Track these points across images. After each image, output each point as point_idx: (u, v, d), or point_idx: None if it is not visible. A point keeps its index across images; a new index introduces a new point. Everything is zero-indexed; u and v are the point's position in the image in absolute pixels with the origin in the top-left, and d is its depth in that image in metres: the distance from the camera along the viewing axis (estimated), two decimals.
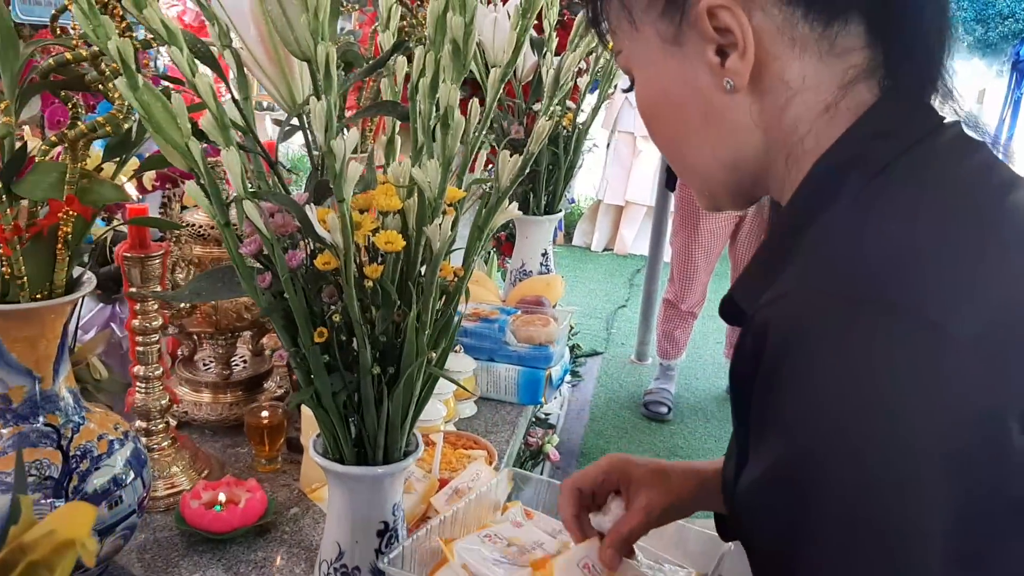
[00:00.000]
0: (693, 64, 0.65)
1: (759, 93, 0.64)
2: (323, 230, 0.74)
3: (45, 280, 0.98)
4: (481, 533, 0.91)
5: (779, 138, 0.65)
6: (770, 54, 0.63)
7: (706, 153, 0.69)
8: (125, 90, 0.73)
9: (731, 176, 0.70)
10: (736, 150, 0.67)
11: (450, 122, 0.73)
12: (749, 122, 0.65)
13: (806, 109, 0.64)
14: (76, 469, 1.00)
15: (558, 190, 1.97)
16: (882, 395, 0.50)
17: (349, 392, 0.86)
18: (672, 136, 0.71)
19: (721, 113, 0.66)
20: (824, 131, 0.63)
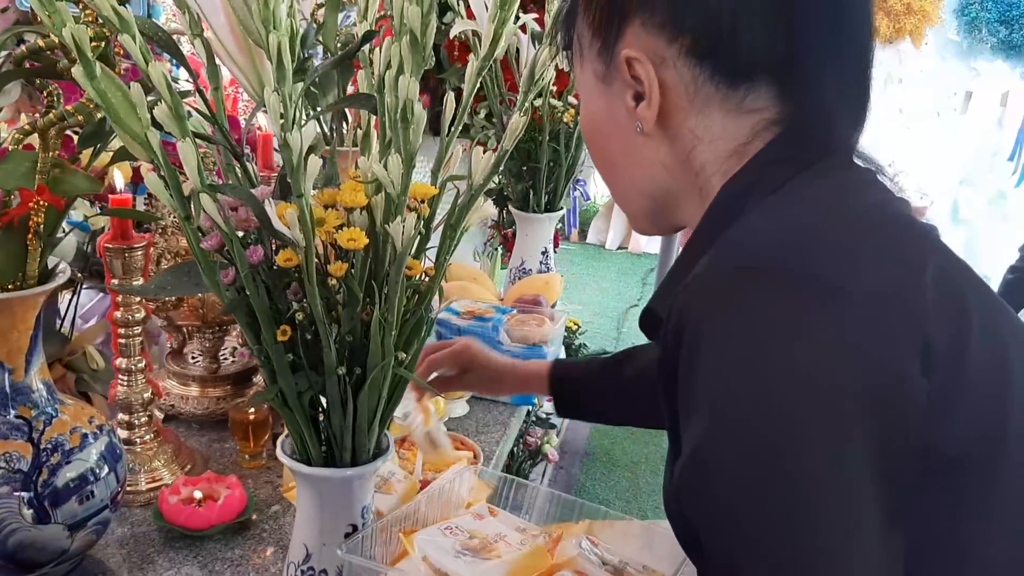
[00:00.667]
0: (616, 103, 0.72)
1: (667, 138, 0.71)
2: (282, 225, 0.72)
3: (17, 271, 0.97)
4: (441, 525, 0.89)
5: (688, 177, 0.71)
6: (676, 106, 0.69)
7: (626, 181, 0.76)
8: (82, 79, 0.71)
9: (649, 204, 0.76)
10: (651, 182, 0.74)
11: (409, 116, 0.70)
12: (658, 161, 0.72)
13: (714, 155, 0.69)
14: (46, 463, 0.98)
15: (559, 188, 1.94)
16: (792, 353, 0.53)
17: (315, 392, 0.84)
18: (602, 161, 0.78)
19: (637, 150, 0.73)
20: (731, 169, 0.68)
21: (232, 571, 1.12)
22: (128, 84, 0.74)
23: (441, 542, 0.84)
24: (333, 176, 0.81)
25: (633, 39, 0.69)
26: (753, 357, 0.53)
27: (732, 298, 0.56)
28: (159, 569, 1.11)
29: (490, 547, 0.84)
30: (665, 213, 0.76)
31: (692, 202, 0.73)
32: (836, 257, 0.56)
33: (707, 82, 0.67)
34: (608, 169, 0.78)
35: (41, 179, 0.93)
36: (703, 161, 0.70)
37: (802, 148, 0.66)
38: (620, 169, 0.76)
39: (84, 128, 0.97)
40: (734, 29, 0.65)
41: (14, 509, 0.96)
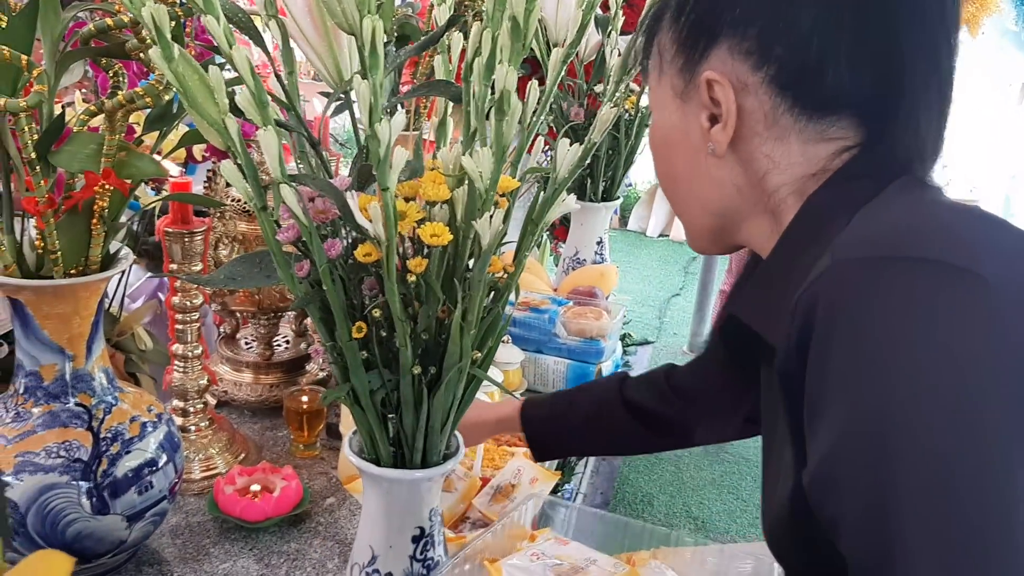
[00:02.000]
0: (690, 121, 0.72)
1: (740, 161, 0.70)
2: (364, 219, 0.68)
3: (80, 256, 0.94)
4: (526, 552, 0.85)
5: (759, 198, 0.71)
6: (753, 131, 0.68)
7: (691, 198, 0.76)
8: (159, 60, 0.67)
9: (713, 222, 0.76)
10: (718, 202, 0.74)
11: (506, 108, 0.66)
12: (730, 183, 0.72)
13: (790, 178, 0.68)
14: (106, 452, 0.97)
15: (617, 176, 1.89)
16: (936, 338, 0.51)
17: (388, 391, 0.80)
18: (668, 175, 0.78)
19: (706, 169, 0.72)
20: (807, 188, 0.68)
21: (288, 566, 1.10)
22: (204, 67, 0.71)
23: (531, 567, 0.81)
24: (418, 169, 0.77)
25: (717, 61, 0.68)
26: (900, 343, 0.52)
27: (869, 288, 0.54)
28: (214, 561, 1.09)
29: (581, 572, 0.81)
30: (728, 232, 0.76)
31: (760, 221, 0.72)
32: (966, 244, 0.55)
33: (787, 112, 0.67)
34: (672, 183, 0.78)
35: (107, 162, 0.90)
36: (777, 184, 0.69)
37: (885, 166, 0.66)
38: (686, 185, 0.76)
39: (151, 110, 0.94)
40: (821, 64, 0.64)
41: (73, 499, 0.94)
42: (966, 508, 0.48)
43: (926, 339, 0.51)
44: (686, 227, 0.80)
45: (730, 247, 0.78)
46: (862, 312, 0.53)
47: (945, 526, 0.48)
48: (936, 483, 0.49)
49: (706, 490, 2.86)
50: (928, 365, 0.51)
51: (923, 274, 0.53)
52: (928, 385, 0.50)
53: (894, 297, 0.53)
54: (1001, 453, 0.49)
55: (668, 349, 4.11)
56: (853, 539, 0.53)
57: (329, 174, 0.79)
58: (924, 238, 0.55)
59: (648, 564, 0.84)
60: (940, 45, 0.65)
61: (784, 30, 0.65)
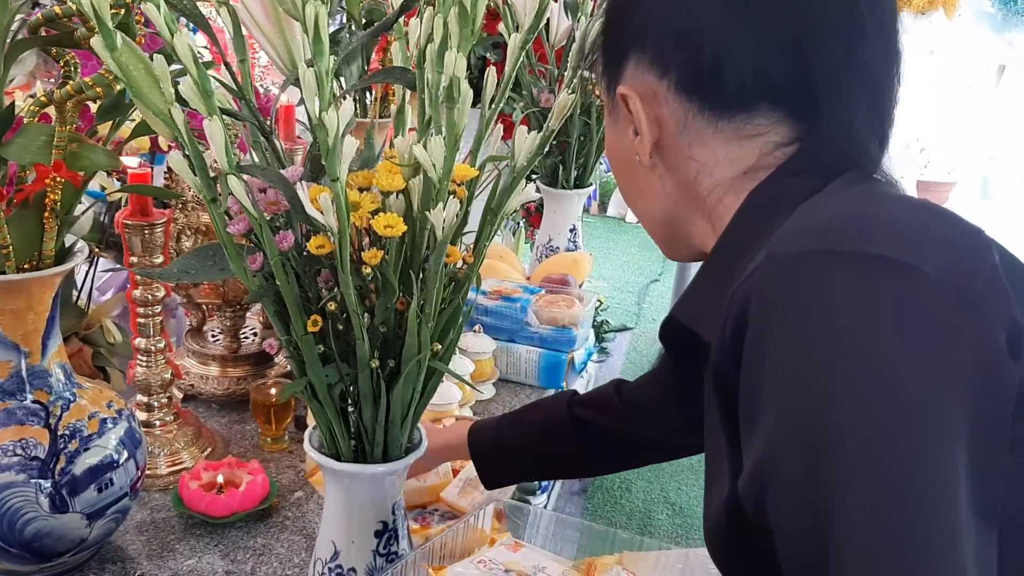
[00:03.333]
0: (621, 136, 0.74)
1: (668, 168, 0.71)
2: (315, 211, 0.67)
3: (33, 250, 0.92)
4: (473, 559, 0.83)
5: (695, 202, 0.71)
6: (672, 138, 0.69)
7: (641, 208, 0.78)
8: (101, 50, 0.66)
9: (663, 229, 0.77)
10: (660, 210, 0.75)
11: (456, 95, 0.65)
12: (663, 190, 0.73)
13: (720, 179, 0.68)
14: (64, 449, 0.95)
15: (589, 163, 1.88)
16: (876, 333, 0.49)
17: (346, 385, 0.79)
18: (621, 188, 0.80)
19: (643, 179, 0.74)
20: (743, 188, 0.67)
21: (255, 561, 1.08)
22: (150, 55, 0.69)
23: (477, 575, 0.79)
24: (370, 159, 0.75)
25: (629, 76, 0.70)
26: (838, 338, 0.50)
27: (805, 282, 0.52)
28: (179, 558, 1.08)
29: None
30: (679, 238, 0.77)
31: (702, 225, 0.73)
32: (907, 238, 0.53)
33: (698, 115, 0.67)
34: (625, 196, 0.80)
35: (58, 154, 0.88)
36: (709, 186, 0.70)
37: (825, 161, 0.65)
38: (632, 196, 0.78)
39: (102, 100, 0.92)
40: (717, 63, 0.64)
41: (31, 498, 0.92)
42: (904, 511, 0.46)
43: (863, 335, 0.49)
44: (650, 235, 0.81)
45: (693, 253, 0.77)
46: (797, 307, 0.52)
47: (881, 530, 0.46)
48: (873, 485, 0.47)
49: (684, 475, 2.86)
50: (865, 363, 0.49)
51: (862, 268, 0.51)
52: (865, 383, 0.49)
53: (831, 292, 0.51)
54: (941, 453, 0.47)
55: (647, 335, 4.11)
56: (787, 542, 0.52)
57: (282, 164, 0.77)
58: (863, 231, 0.54)
59: (611, 569, 0.83)
60: (854, 35, 0.63)
61: (677, 35, 0.66)
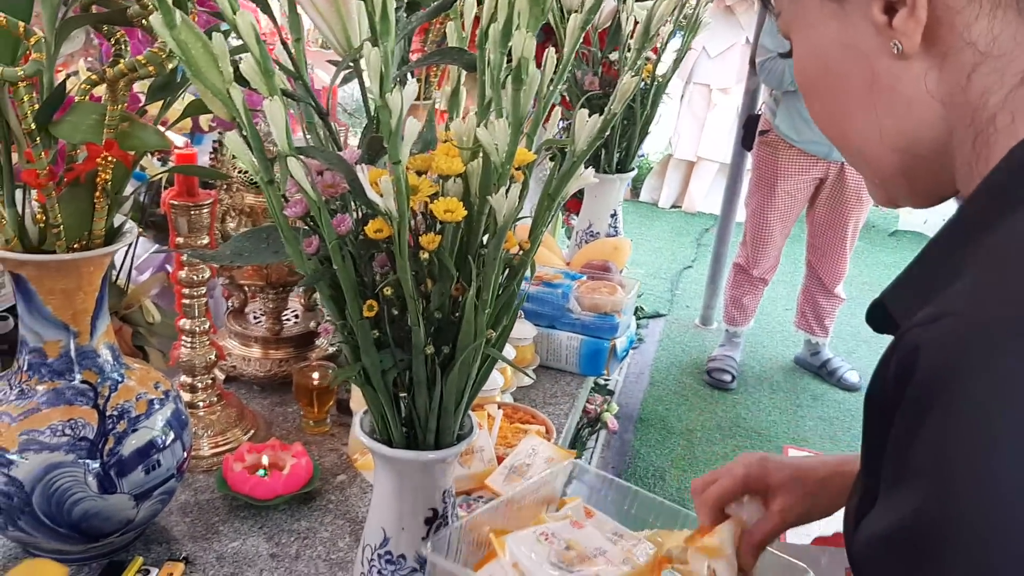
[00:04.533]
0: (856, 24, 0.55)
1: (936, 58, 0.53)
2: (375, 194, 0.65)
3: (83, 230, 0.92)
4: (536, 529, 0.82)
5: (964, 114, 0.53)
6: (951, 9, 0.51)
7: (873, 133, 0.57)
8: (160, 28, 0.64)
9: (905, 162, 0.57)
10: (910, 129, 0.56)
11: (524, 76, 0.63)
12: (924, 94, 0.54)
13: (999, 78, 0.51)
14: (112, 430, 0.95)
15: (632, 147, 1.86)
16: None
17: (400, 371, 0.78)
18: (833, 112, 0.60)
19: (889, 83, 0.55)
20: (1022, 108, 0.51)
21: (299, 544, 1.08)
22: (207, 33, 0.67)
23: (537, 549, 0.78)
24: (431, 141, 0.74)
25: None
26: (1002, 444, 0.41)
27: (992, 367, 0.42)
28: (224, 540, 1.08)
29: (588, 561, 0.78)
30: (929, 173, 0.58)
31: (965, 152, 0.54)
32: None
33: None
34: (844, 122, 0.60)
35: (109, 133, 0.87)
36: (984, 88, 0.52)
37: None
38: (865, 116, 0.57)
39: (154, 79, 0.91)
40: None
41: (79, 478, 0.92)
42: None
43: None
44: (872, 180, 0.62)
45: (935, 195, 0.60)
46: (971, 393, 0.42)
47: None
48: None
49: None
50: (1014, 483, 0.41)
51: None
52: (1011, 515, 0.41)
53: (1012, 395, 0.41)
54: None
55: (680, 323, 4.08)
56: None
57: (338, 146, 0.76)
58: None
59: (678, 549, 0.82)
60: None
61: None
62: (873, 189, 0.63)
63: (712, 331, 3.97)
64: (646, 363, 3.56)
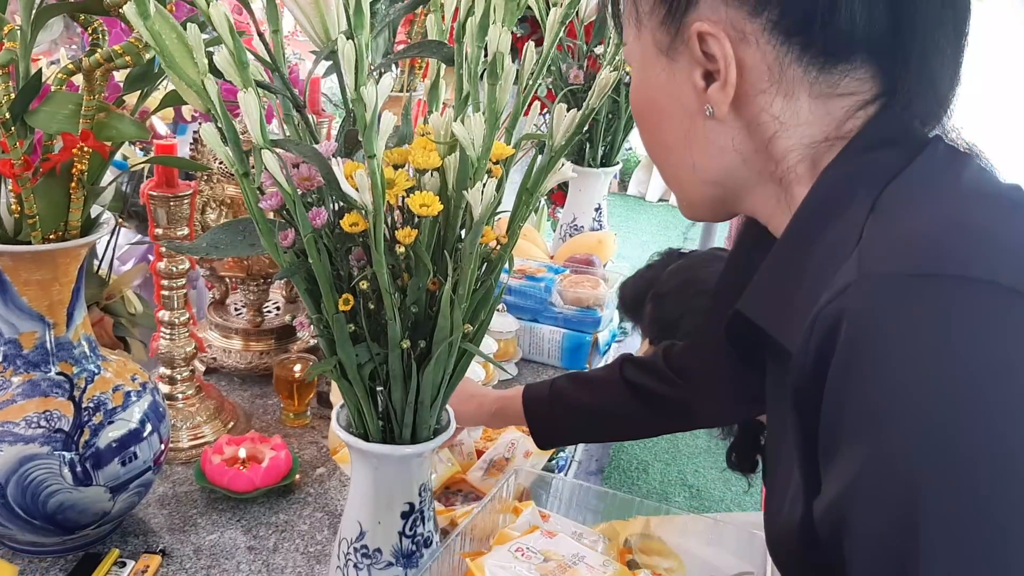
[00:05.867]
0: (681, 81, 0.63)
1: (743, 123, 0.62)
2: (350, 188, 0.65)
3: (59, 220, 0.91)
4: (510, 546, 0.82)
5: (767, 166, 0.63)
6: (756, 88, 0.60)
7: (687, 168, 0.67)
8: (134, 18, 0.64)
9: (712, 191, 0.67)
10: (719, 171, 0.65)
11: (499, 71, 0.63)
12: (731, 149, 0.63)
13: (799, 141, 0.61)
14: (88, 422, 0.94)
15: (616, 141, 1.85)
16: (977, 368, 0.45)
17: (376, 365, 0.78)
18: (657, 143, 0.69)
19: (703, 135, 0.64)
20: (822, 155, 0.60)
21: (277, 537, 1.08)
22: (182, 24, 0.67)
23: (516, 569, 0.78)
24: (407, 134, 0.74)
25: (707, 9, 0.59)
26: (938, 378, 0.45)
27: (901, 311, 0.47)
28: (201, 532, 1.07)
29: (570, 571, 0.78)
30: (729, 201, 0.68)
31: (765, 191, 0.64)
32: (1008, 260, 0.48)
33: (795, 63, 0.58)
34: (663, 151, 0.69)
35: (85, 123, 0.86)
36: (786, 149, 0.61)
37: (903, 129, 0.59)
38: (680, 154, 0.66)
39: (131, 69, 0.90)
40: (833, 2, 0.56)
41: (55, 470, 0.92)
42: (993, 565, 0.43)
43: (967, 378, 0.45)
44: (680, 197, 0.72)
45: (730, 215, 0.71)
46: (891, 341, 0.47)
47: None
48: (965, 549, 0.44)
49: (701, 458, 2.85)
50: (966, 409, 0.44)
51: (966, 297, 0.46)
52: (964, 434, 0.44)
53: (931, 325, 0.46)
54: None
55: None
56: None
57: (315, 139, 0.76)
58: (968, 247, 0.48)
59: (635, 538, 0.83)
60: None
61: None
62: (681, 206, 0.73)
63: None
64: None
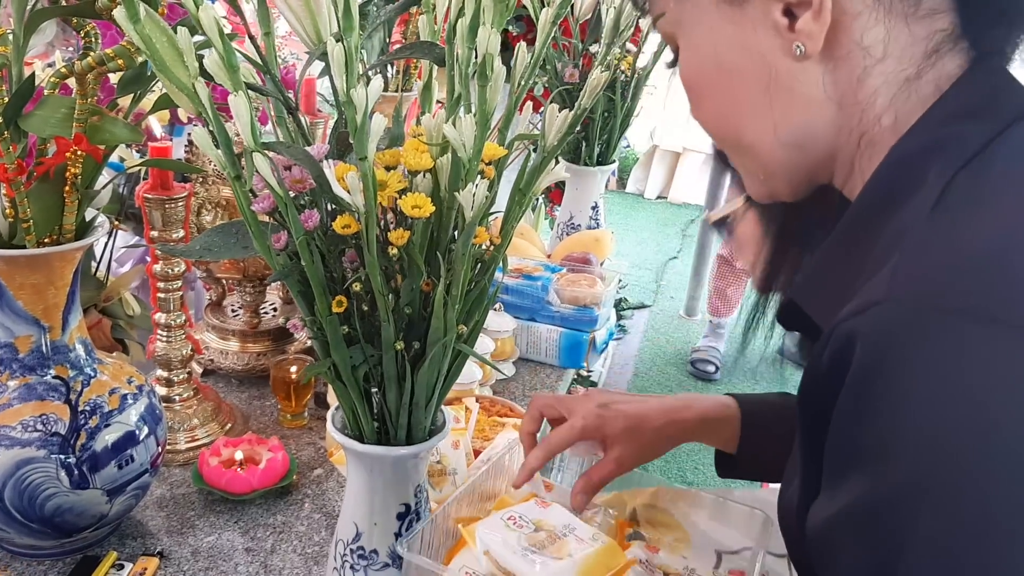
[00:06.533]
0: (755, 26, 0.57)
1: (834, 60, 0.56)
2: (342, 190, 0.65)
3: (53, 224, 0.91)
4: (503, 514, 0.83)
5: (854, 114, 0.56)
6: (848, 14, 0.54)
7: (767, 131, 0.59)
8: (124, 22, 0.64)
9: (794, 158, 0.60)
10: (803, 127, 0.58)
11: (489, 73, 0.63)
12: (821, 94, 0.57)
13: (886, 81, 0.55)
14: (85, 425, 0.94)
15: (612, 139, 1.85)
16: (998, 419, 0.42)
17: (370, 367, 0.78)
18: (726, 112, 0.62)
19: (787, 84, 0.57)
20: (905, 108, 0.55)
21: (275, 538, 1.08)
22: (173, 27, 0.67)
23: (505, 536, 0.78)
24: (399, 136, 0.74)
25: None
26: (947, 425, 0.43)
27: (928, 345, 0.44)
28: (199, 534, 1.08)
29: (559, 541, 0.79)
30: (812, 168, 0.61)
31: (849, 150, 0.58)
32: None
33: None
34: (737, 120, 0.61)
35: (79, 127, 0.86)
36: (874, 90, 0.55)
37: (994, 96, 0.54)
38: (759, 115, 0.59)
39: (124, 72, 0.90)
40: None
41: (51, 473, 0.92)
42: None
43: (983, 426, 0.42)
44: (753, 174, 0.64)
45: (809, 187, 0.63)
46: (905, 379, 0.44)
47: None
48: None
49: (700, 455, 2.85)
50: (970, 459, 0.42)
51: (988, 341, 0.43)
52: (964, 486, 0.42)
53: (946, 367, 0.43)
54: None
55: (665, 313, 4.09)
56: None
57: (307, 140, 0.75)
58: (1005, 283, 0.44)
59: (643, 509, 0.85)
60: None
61: None
62: (754, 184, 0.65)
63: (696, 322, 3.98)
64: (631, 354, 3.57)
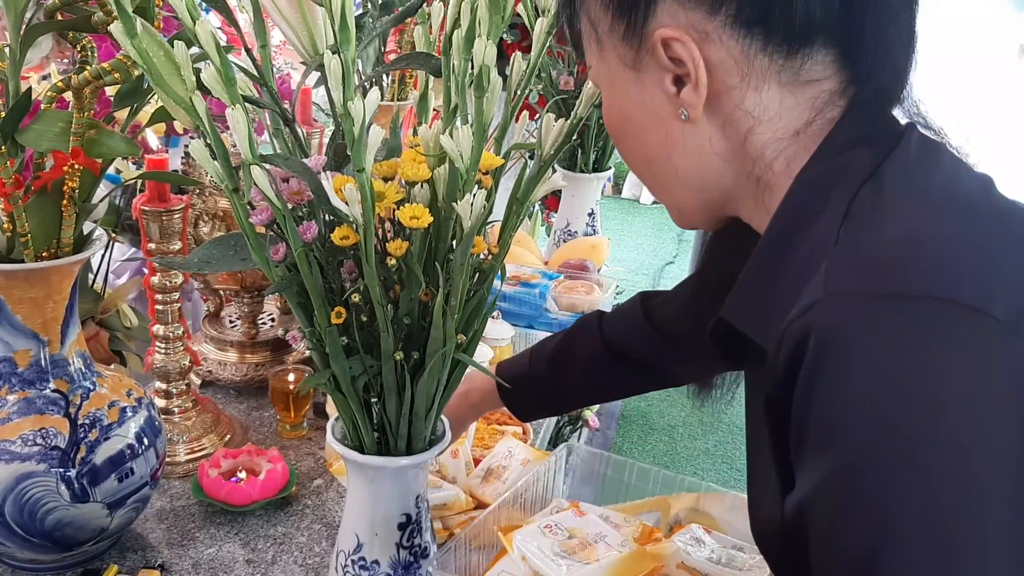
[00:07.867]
0: (651, 91, 0.64)
1: (718, 122, 0.63)
2: (340, 201, 0.65)
3: (51, 238, 0.91)
4: (541, 523, 0.85)
5: (746, 163, 0.64)
6: (726, 85, 0.61)
7: (670, 176, 0.68)
8: (121, 37, 0.64)
9: (699, 197, 0.68)
10: (700, 175, 0.66)
11: (485, 84, 0.63)
12: (710, 149, 0.64)
13: (773, 136, 0.62)
14: (84, 439, 0.94)
15: (608, 146, 1.86)
16: (931, 388, 0.47)
17: (370, 377, 0.78)
18: (637, 158, 0.70)
19: (680, 140, 0.65)
20: (795, 153, 0.62)
21: (275, 550, 1.08)
22: (170, 40, 0.67)
23: (541, 543, 0.81)
24: (395, 147, 0.74)
25: (666, 15, 0.61)
26: (892, 397, 0.47)
27: (861, 332, 0.49)
28: (200, 546, 1.07)
29: (590, 548, 0.81)
30: (718, 206, 0.69)
31: (747, 193, 0.65)
32: (973, 276, 0.50)
33: (760, 53, 0.60)
34: (646, 166, 0.70)
35: (76, 141, 0.87)
36: (762, 145, 0.62)
37: (874, 125, 0.60)
38: (661, 164, 0.67)
39: (121, 86, 0.90)
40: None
41: (52, 487, 0.92)
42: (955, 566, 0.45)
43: (919, 393, 0.47)
44: (671, 208, 0.73)
45: (721, 220, 0.71)
46: (853, 360, 0.49)
47: None
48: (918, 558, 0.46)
49: (700, 460, 2.86)
50: (920, 426, 0.47)
51: (926, 317, 0.48)
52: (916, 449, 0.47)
53: (890, 345, 0.48)
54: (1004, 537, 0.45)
55: None
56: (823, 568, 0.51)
57: (305, 152, 0.76)
58: (930, 265, 0.50)
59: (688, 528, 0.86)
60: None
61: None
62: (673, 216, 0.73)
63: None
64: None
